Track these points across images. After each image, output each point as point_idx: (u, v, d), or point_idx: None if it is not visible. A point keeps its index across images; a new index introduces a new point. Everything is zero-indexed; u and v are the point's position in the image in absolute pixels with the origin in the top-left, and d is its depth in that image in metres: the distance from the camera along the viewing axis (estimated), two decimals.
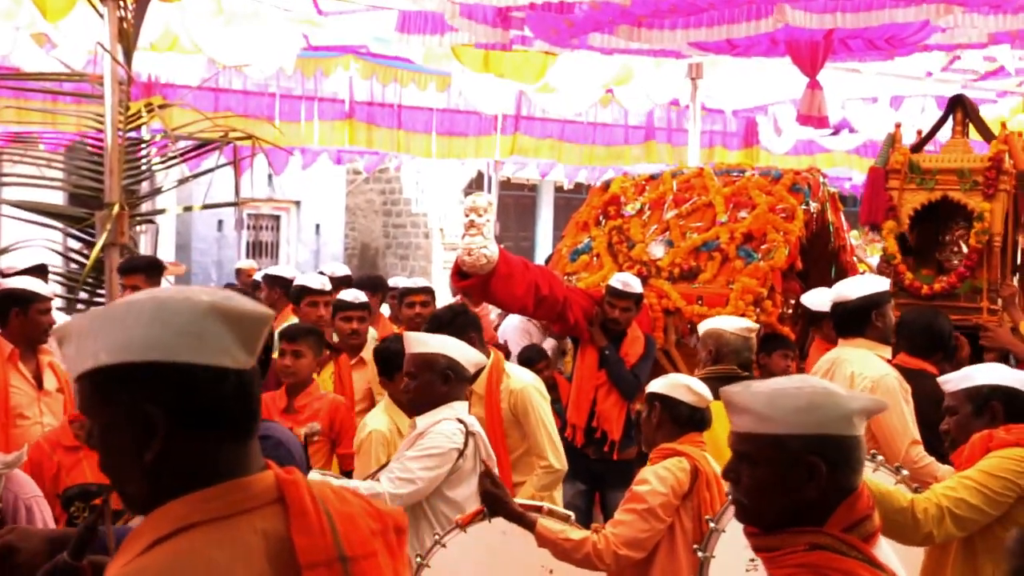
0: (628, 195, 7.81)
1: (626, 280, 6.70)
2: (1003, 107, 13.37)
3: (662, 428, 4.34)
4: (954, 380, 4.03)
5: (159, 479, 1.70)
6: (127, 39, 7.37)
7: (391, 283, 9.35)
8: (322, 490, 1.78)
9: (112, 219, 7.01)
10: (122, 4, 7.22)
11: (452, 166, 18.56)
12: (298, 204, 20.82)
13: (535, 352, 7.28)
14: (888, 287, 5.60)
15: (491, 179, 17.15)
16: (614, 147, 15.29)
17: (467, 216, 6.03)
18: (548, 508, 4.23)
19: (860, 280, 5.85)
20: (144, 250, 9.49)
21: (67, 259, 8.87)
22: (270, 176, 16.37)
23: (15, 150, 9.56)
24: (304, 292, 6.65)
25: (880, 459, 4.32)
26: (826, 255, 7.67)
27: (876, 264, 7.70)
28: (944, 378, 4.12)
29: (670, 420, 4.33)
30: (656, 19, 7.80)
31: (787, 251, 7.04)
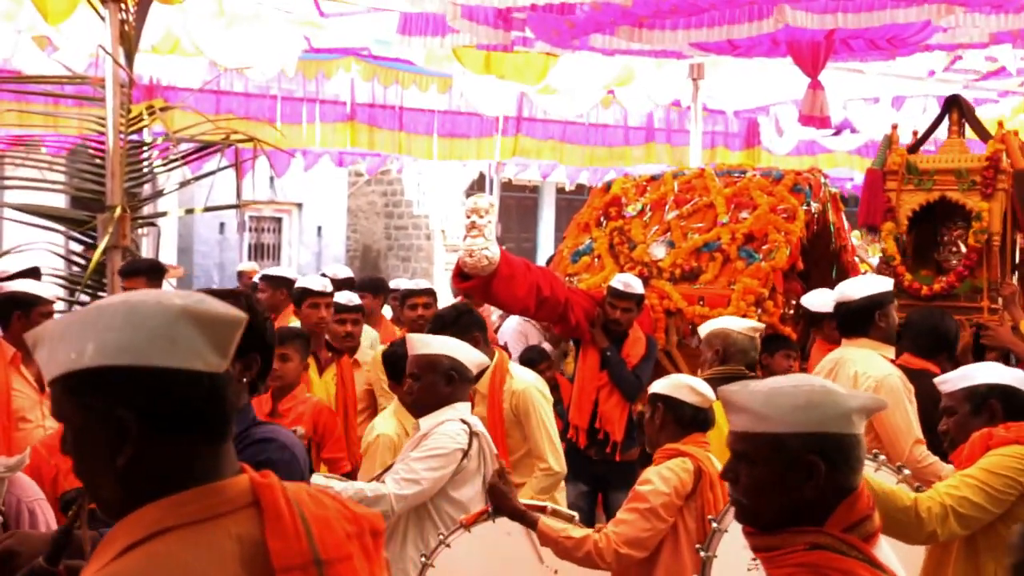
0: (629, 196, 7.81)
1: (627, 281, 6.70)
2: (1004, 107, 13.37)
3: (665, 429, 4.34)
4: (951, 380, 4.02)
5: (132, 483, 1.69)
6: (128, 41, 7.39)
7: (393, 285, 9.35)
8: (297, 493, 1.76)
9: (114, 222, 7.03)
10: (123, 6, 7.24)
11: (454, 168, 18.56)
12: (300, 206, 20.80)
13: (536, 353, 7.27)
14: (891, 287, 5.60)
15: (493, 180, 17.16)
16: (616, 148, 15.30)
17: (468, 218, 6.03)
18: (552, 508, 4.24)
19: (863, 280, 5.85)
20: (146, 253, 9.49)
21: (69, 262, 8.87)
22: (272, 178, 16.36)
23: (17, 153, 9.58)
24: (305, 294, 6.63)
25: (882, 458, 4.32)
26: (827, 255, 7.66)
27: (876, 265, 7.70)
28: (941, 378, 4.12)
29: (673, 421, 4.32)
30: (657, 20, 7.80)
31: (788, 252, 7.04)
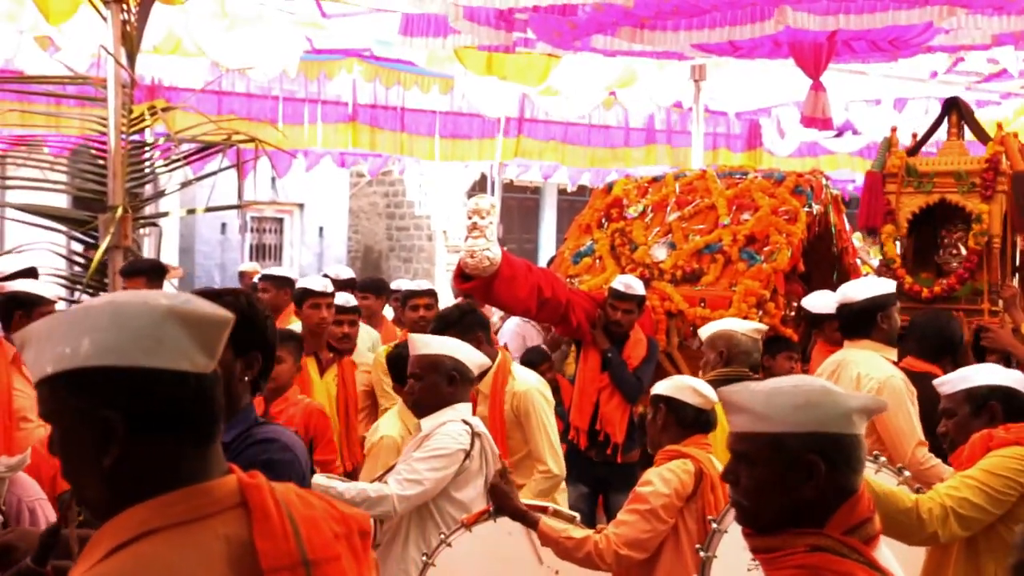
0: (631, 197, 7.81)
1: (628, 282, 6.69)
2: (1007, 109, 13.37)
3: (667, 430, 4.33)
4: (950, 382, 4.02)
5: (118, 484, 1.68)
6: (130, 42, 7.40)
7: (394, 286, 9.35)
8: (285, 494, 1.76)
9: (115, 222, 7.04)
10: (125, 7, 7.25)
11: (455, 169, 18.57)
12: (301, 207, 20.80)
13: (537, 354, 7.27)
14: (894, 289, 5.60)
15: (494, 181, 17.14)
16: (617, 149, 15.29)
17: (470, 218, 6.02)
18: (553, 509, 4.24)
19: (866, 282, 5.85)
20: (147, 253, 9.48)
21: (71, 262, 8.87)
22: (273, 179, 16.35)
23: (19, 153, 9.59)
24: (306, 294, 6.62)
25: (882, 460, 4.31)
26: (829, 257, 7.66)
27: (876, 266, 7.70)
28: (940, 380, 4.12)
29: (675, 422, 4.32)
30: (659, 21, 7.80)
31: (790, 253, 7.04)
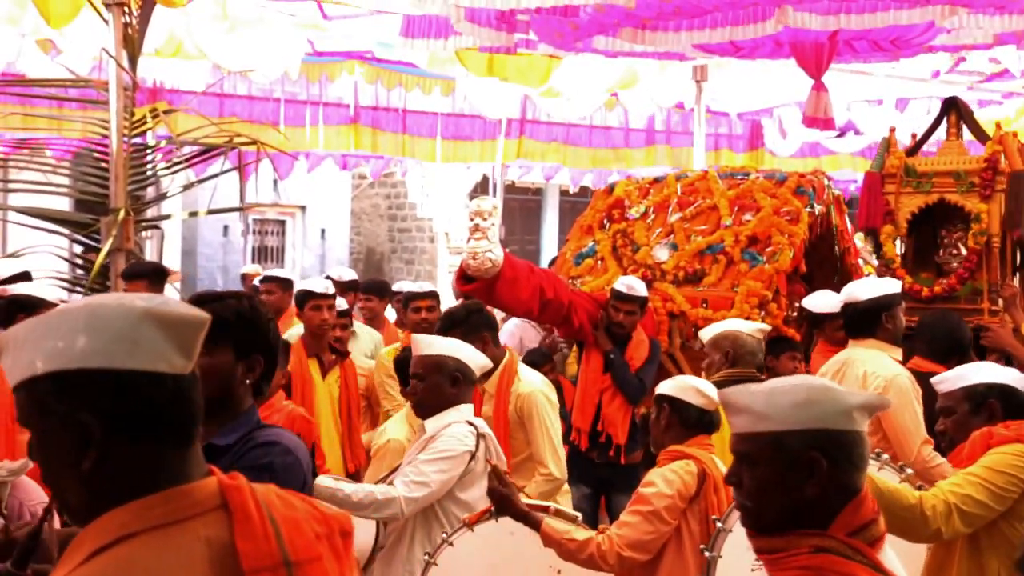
0: (632, 198, 7.81)
1: (630, 284, 6.69)
2: (1008, 108, 13.35)
3: (670, 430, 4.33)
4: (949, 380, 4.03)
5: (98, 488, 1.68)
6: (132, 45, 7.41)
7: (396, 288, 9.35)
8: (266, 495, 1.75)
9: (117, 225, 7.05)
10: (127, 10, 7.26)
11: (457, 170, 18.58)
12: (303, 209, 20.81)
13: (539, 355, 7.27)
14: (899, 289, 5.60)
15: (496, 183, 17.14)
16: (619, 150, 15.29)
17: (472, 220, 6.01)
18: (555, 509, 4.23)
19: (871, 282, 5.85)
20: (149, 256, 9.50)
21: (73, 265, 8.87)
22: (275, 181, 16.36)
23: (21, 156, 9.60)
24: (307, 296, 6.61)
25: (885, 458, 4.32)
26: (831, 258, 7.65)
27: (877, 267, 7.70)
28: (938, 378, 4.12)
29: (679, 422, 4.31)
30: (660, 22, 7.79)
31: (792, 254, 7.03)
